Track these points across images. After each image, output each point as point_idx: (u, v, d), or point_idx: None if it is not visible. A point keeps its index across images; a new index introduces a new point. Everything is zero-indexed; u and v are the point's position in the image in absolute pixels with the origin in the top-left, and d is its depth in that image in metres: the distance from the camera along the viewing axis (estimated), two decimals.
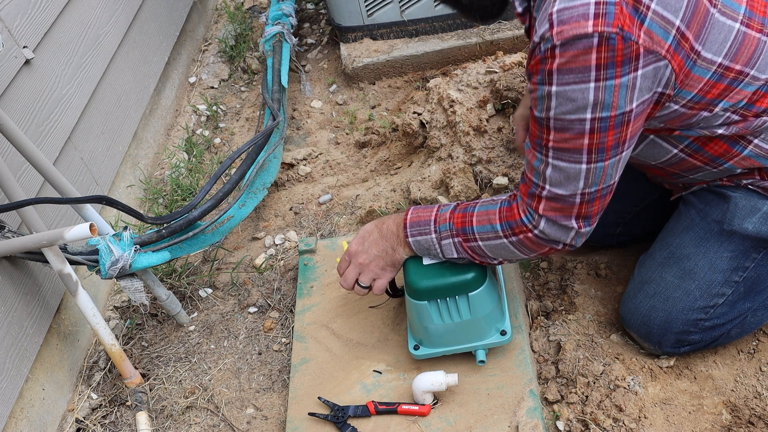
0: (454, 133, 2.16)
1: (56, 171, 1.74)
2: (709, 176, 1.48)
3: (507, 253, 1.44)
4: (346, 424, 1.58)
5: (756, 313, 1.54)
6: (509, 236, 1.40)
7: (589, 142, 1.25)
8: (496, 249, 1.44)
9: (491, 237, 1.42)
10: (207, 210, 1.88)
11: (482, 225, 1.43)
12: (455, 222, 1.46)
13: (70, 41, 2.10)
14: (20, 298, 1.71)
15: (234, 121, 2.78)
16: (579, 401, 1.58)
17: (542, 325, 1.75)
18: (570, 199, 1.33)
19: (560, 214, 1.35)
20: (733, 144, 1.38)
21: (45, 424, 1.74)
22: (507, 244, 1.41)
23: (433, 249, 1.49)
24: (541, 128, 1.28)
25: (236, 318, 2.01)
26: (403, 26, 2.67)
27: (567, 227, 1.37)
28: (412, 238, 1.50)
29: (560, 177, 1.31)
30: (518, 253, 1.43)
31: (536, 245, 1.40)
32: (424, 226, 1.49)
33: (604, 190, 1.33)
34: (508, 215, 1.40)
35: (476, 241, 1.44)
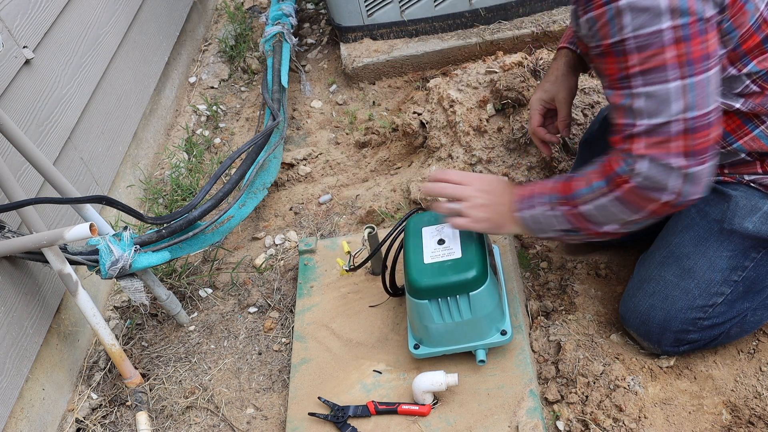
0: (454, 133, 2.16)
1: (56, 171, 1.74)
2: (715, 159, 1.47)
3: (615, 215, 1.33)
4: (346, 424, 1.58)
5: (756, 313, 1.54)
6: (610, 192, 1.30)
7: (674, 55, 1.17)
8: (603, 210, 1.33)
9: (595, 197, 1.33)
10: (207, 210, 1.88)
11: (584, 187, 1.34)
12: (559, 190, 1.39)
13: (70, 41, 2.10)
14: (20, 298, 1.71)
15: (234, 121, 2.78)
16: (579, 401, 1.58)
17: (542, 325, 1.75)
18: (667, 128, 1.22)
19: (660, 150, 1.23)
20: (747, 121, 1.37)
21: (45, 424, 1.74)
22: (610, 202, 1.31)
23: (542, 223, 1.42)
24: (619, 57, 1.21)
25: (236, 318, 2.01)
26: (403, 26, 2.67)
27: (670, 167, 1.23)
28: (521, 212, 1.44)
29: (652, 104, 1.21)
30: (626, 212, 1.31)
31: (640, 197, 1.28)
32: (532, 199, 1.43)
33: (705, 118, 1.21)
34: (606, 169, 1.31)
35: (583, 204, 1.35)
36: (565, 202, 1.38)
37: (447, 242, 1.57)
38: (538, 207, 1.42)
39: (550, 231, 1.43)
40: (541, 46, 2.49)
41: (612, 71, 1.25)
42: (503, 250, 1.84)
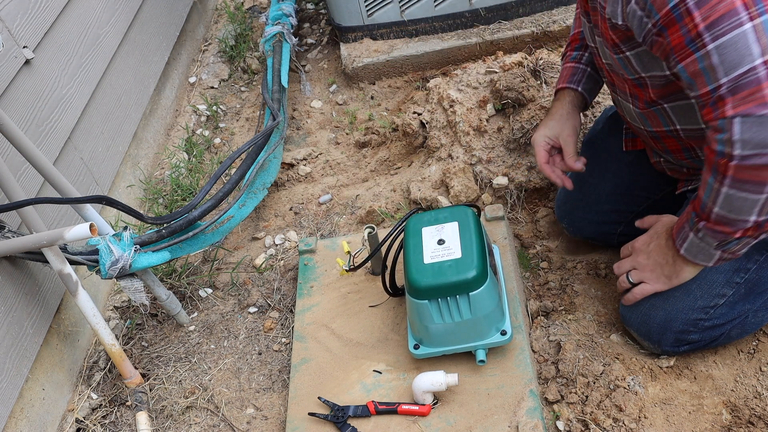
0: (454, 133, 2.16)
1: (56, 171, 1.74)
2: None
3: (745, 203, 1.22)
4: (346, 424, 1.58)
5: (757, 314, 1.54)
6: (722, 182, 1.22)
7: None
8: (730, 205, 1.24)
9: (714, 196, 1.25)
10: (207, 210, 1.88)
11: (704, 193, 1.28)
12: (693, 207, 1.34)
13: (70, 41, 2.10)
14: (20, 298, 1.71)
15: (234, 121, 2.78)
16: (579, 401, 1.58)
17: (542, 325, 1.75)
18: (751, 76, 1.12)
19: (751, 104, 1.13)
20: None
21: (45, 424, 1.74)
22: (729, 192, 1.22)
23: (700, 248, 1.36)
24: (683, 19, 1.15)
25: (236, 318, 2.01)
26: (403, 26, 2.67)
27: (766, 118, 1.13)
28: (682, 249, 1.40)
29: (728, 56, 1.13)
30: (753, 194, 1.20)
31: (751, 171, 1.17)
32: (682, 230, 1.39)
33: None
34: (709, 160, 1.23)
35: (711, 210, 1.27)
36: (699, 217, 1.33)
37: (447, 242, 1.57)
38: (690, 234, 1.37)
39: (714, 254, 1.36)
40: (541, 46, 2.49)
41: (678, 40, 1.18)
42: (503, 250, 1.84)
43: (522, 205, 2.08)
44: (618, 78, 1.50)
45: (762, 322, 1.57)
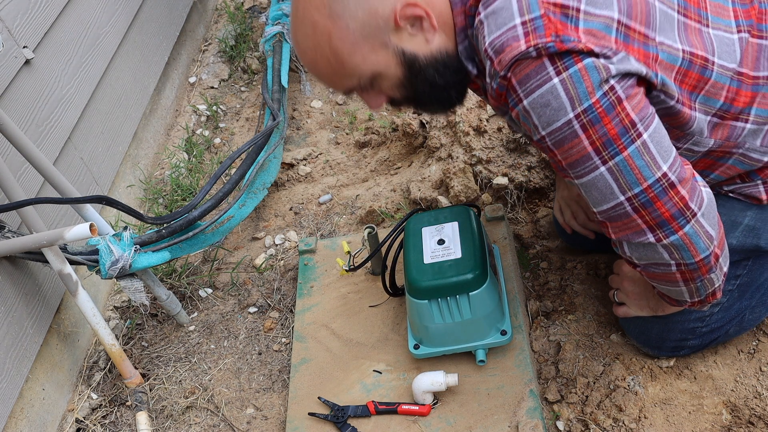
0: (454, 133, 2.16)
1: (56, 171, 1.74)
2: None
3: (673, 293, 1.36)
4: (346, 424, 1.58)
5: (754, 311, 1.54)
6: (645, 276, 1.34)
7: (588, 142, 1.13)
8: (667, 291, 1.37)
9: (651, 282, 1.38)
10: (207, 210, 1.88)
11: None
12: None
13: (70, 41, 2.10)
14: (20, 298, 1.71)
15: (234, 121, 2.78)
16: (579, 401, 1.58)
17: (542, 325, 1.75)
18: (618, 211, 1.19)
19: (630, 231, 1.22)
20: (719, 158, 1.35)
21: (45, 424, 1.74)
22: (655, 284, 1.36)
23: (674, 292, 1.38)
24: (548, 152, 1.20)
25: (236, 318, 2.01)
26: None
27: (647, 243, 1.21)
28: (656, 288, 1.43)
29: (593, 193, 1.19)
30: (674, 287, 1.33)
31: (660, 276, 1.29)
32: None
33: (655, 186, 1.16)
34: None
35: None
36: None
37: (447, 242, 1.57)
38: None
39: (680, 297, 1.38)
40: None
41: (552, 161, 1.23)
42: (503, 250, 1.84)
43: (522, 205, 2.08)
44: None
45: (759, 318, 1.57)
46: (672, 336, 1.54)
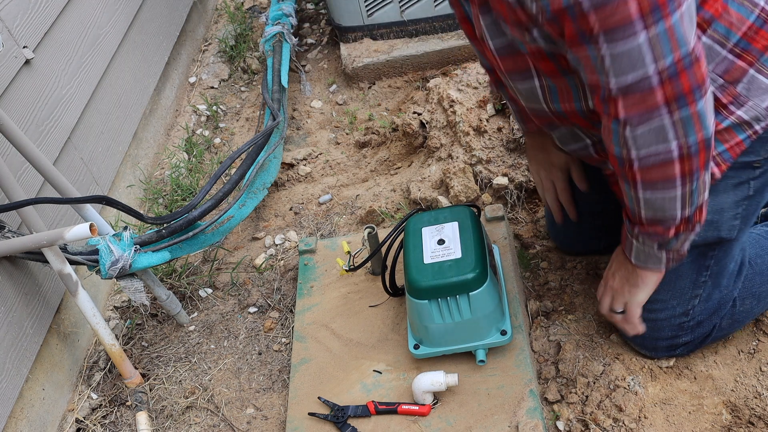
0: (454, 133, 2.16)
1: (56, 171, 1.74)
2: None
3: (666, 201, 1.23)
4: (346, 424, 1.58)
5: (744, 303, 1.55)
6: (634, 186, 1.23)
7: (637, 5, 1.04)
8: (653, 206, 1.25)
9: (636, 200, 1.26)
10: (207, 210, 1.88)
11: (626, 198, 1.27)
12: (626, 214, 1.33)
13: (70, 41, 2.10)
14: (20, 298, 1.71)
15: (234, 121, 2.78)
16: (579, 401, 1.58)
17: (542, 325, 1.75)
18: (643, 83, 1.11)
19: (642, 108, 1.13)
20: None
21: (45, 424, 1.74)
22: (645, 195, 1.23)
23: (646, 253, 1.36)
24: (576, 17, 1.09)
25: (236, 318, 2.01)
26: (403, 26, 2.67)
27: (658, 120, 1.14)
28: (631, 257, 1.40)
29: (621, 63, 1.10)
30: (669, 192, 1.22)
31: (657, 172, 1.19)
32: (627, 240, 1.39)
33: (685, 59, 1.10)
34: (615, 168, 1.23)
35: (640, 213, 1.27)
36: (632, 222, 1.32)
37: (447, 242, 1.57)
38: (633, 242, 1.36)
39: (660, 256, 1.35)
40: None
41: (570, 32, 1.13)
42: (503, 250, 1.84)
43: (522, 205, 2.08)
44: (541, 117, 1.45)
45: (751, 310, 1.57)
46: (663, 335, 1.55)
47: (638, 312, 1.49)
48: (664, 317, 1.54)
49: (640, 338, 1.60)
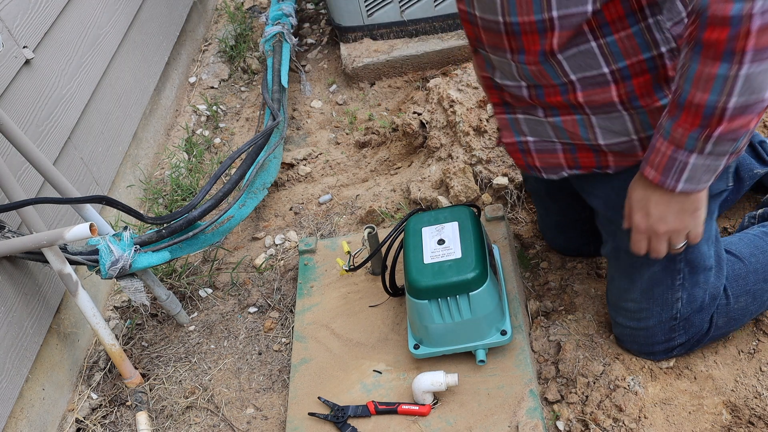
0: (454, 133, 2.16)
1: (56, 171, 1.74)
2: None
3: (763, 76, 1.07)
4: (346, 424, 1.58)
5: (739, 300, 1.56)
6: (741, 60, 1.04)
7: None
8: (750, 86, 1.07)
9: (731, 84, 1.07)
10: (207, 210, 1.88)
11: (709, 91, 1.09)
12: (690, 124, 1.14)
13: (70, 41, 2.10)
14: (20, 298, 1.71)
15: (234, 121, 2.78)
16: (579, 401, 1.58)
17: (542, 325, 1.75)
18: None
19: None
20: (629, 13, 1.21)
21: (45, 424, 1.74)
22: (749, 71, 1.05)
23: (706, 167, 1.18)
24: None
25: (236, 318, 2.01)
26: (403, 26, 2.67)
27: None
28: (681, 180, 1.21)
29: None
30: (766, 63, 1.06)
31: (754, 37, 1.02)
32: (674, 163, 1.20)
33: None
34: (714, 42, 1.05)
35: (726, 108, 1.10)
36: (707, 128, 1.13)
37: (447, 242, 1.57)
38: (690, 160, 1.18)
39: (720, 164, 1.18)
40: None
41: None
42: (503, 250, 1.84)
43: (522, 205, 2.08)
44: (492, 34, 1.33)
45: (747, 308, 1.58)
46: (657, 339, 1.57)
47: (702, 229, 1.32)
48: (654, 324, 1.55)
49: (636, 345, 1.61)
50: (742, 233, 1.67)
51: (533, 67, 1.29)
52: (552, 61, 1.26)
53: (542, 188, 1.79)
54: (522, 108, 1.41)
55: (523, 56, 1.29)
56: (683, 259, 1.47)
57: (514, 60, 1.31)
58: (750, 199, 1.90)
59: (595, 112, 1.32)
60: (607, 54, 1.23)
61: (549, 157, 1.45)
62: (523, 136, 1.45)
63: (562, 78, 1.28)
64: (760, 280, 1.57)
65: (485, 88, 1.47)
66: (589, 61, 1.24)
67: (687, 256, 1.47)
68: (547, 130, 1.40)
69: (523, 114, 1.42)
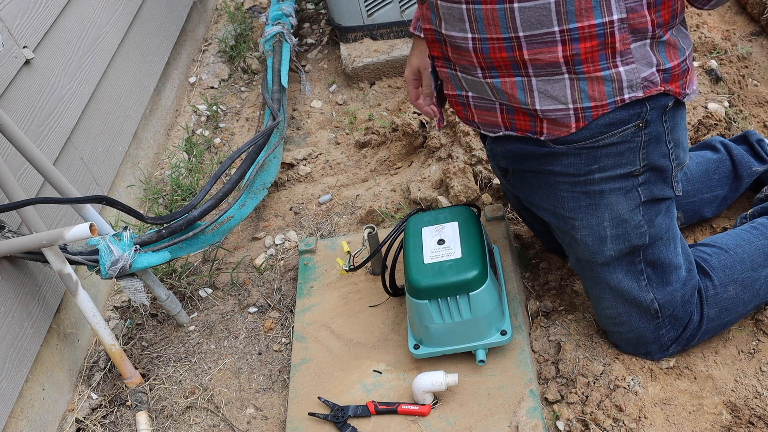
0: (453, 133, 2.16)
1: (56, 171, 1.74)
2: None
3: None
4: (346, 424, 1.58)
5: (727, 289, 1.56)
6: None
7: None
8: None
9: None
10: (207, 210, 1.88)
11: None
12: None
13: (70, 41, 2.10)
14: (20, 298, 1.71)
15: (234, 121, 2.78)
16: (579, 401, 1.58)
17: (542, 325, 1.75)
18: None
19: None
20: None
21: (45, 424, 1.74)
22: None
23: None
24: None
25: (236, 318, 2.01)
26: (403, 26, 2.67)
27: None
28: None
29: None
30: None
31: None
32: None
33: None
34: None
35: None
36: None
37: (447, 242, 1.57)
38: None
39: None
40: None
41: None
42: (503, 250, 1.84)
43: None
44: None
45: (738, 297, 1.58)
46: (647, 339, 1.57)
47: None
48: (637, 326, 1.56)
49: (632, 347, 1.62)
50: (730, 230, 1.69)
51: (488, 7, 1.26)
52: (506, 6, 1.24)
53: (517, 203, 1.81)
54: (461, 66, 1.40)
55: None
56: (642, 260, 1.49)
57: (467, 1, 1.29)
58: (750, 198, 1.90)
59: (537, 73, 1.31)
60: (561, 12, 1.22)
61: (487, 114, 1.45)
62: (463, 90, 1.45)
63: (510, 31, 1.26)
64: (747, 269, 1.58)
65: (428, 41, 1.45)
66: (543, 17, 1.24)
67: (647, 257, 1.48)
68: (486, 90, 1.40)
69: (462, 72, 1.41)
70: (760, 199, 1.80)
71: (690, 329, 1.57)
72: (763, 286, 1.59)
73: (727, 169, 1.84)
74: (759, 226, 1.65)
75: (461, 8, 1.29)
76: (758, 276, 1.58)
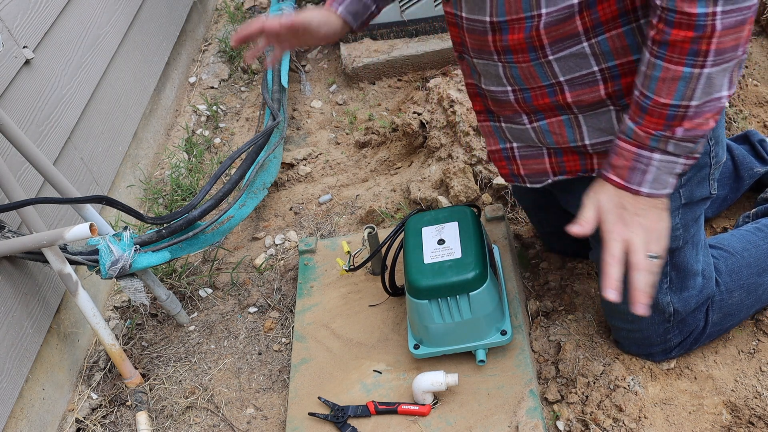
0: (454, 133, 2.16)
1: (56, 171, 1.74)
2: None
3: (721, 76, 1.10)
4: (346, 424, 1.58)
5: (732, 295, 1.56)
6: (705, 61, 1.08)
7: None
8: (709, 87, 1.11)
9: (694, 84, 1.10)
10: (207, 210, 1.88)
11: (673, 92, 1.12)
12: (654, 125, 1.16)
13: (70, 41, 2.10)
14: (20, 298, 1.71)
15: (234, 121, 2.78)
16: (579, 401, 1.58)
17: (542, 325, 1.75)
18: None
19: None
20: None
21: (45, 424, 1.74)
22: (710, 72, 1.09)
23: (668, 168, 1.19)
24: None
25: (236, 318, 2.01)
26: (403, 26, 2.67)
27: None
28: (641, 187, 1.20)
29: None
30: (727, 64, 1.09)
31: (733, 33, 1.05)
32: (637, 164, 1.19)
33: None
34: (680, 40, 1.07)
35: (689, 105, 1.12)
36: (669, 129, 1.15)
37: (447, 242, 1.57)
38: (652, 162, 1.18)
39: (678, 165, 1.19)
40: None
41: None
42: (503, 250, 1.84)
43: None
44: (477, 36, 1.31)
45: (743, 302, 1.57)
46: (653, 341, 1.57)
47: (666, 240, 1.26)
48: (647, 326, 1.55)
49: (635, 347, 1.61)
50: (735, 230, 1.68)
51: (523, 65, 1.28)
52: (543, 61, 1.26)
53: (531, 202, 1.81)
54: (505, 117, 1.42)
55: (510, 56, 1.29)
56: (669, 263, 1.47)
57: (501, 61, 1.30)
58: (750, 199, 1.90)
59: (582, 111, 1.32)
60: (597, 54, 1.23)
61: (534, 163, 1.45)
62: (508, 142, 1.45)
63: (550, 78, 1.28)
64: (753, 273, 1.57)
65: (470, 95, 1.47)
66: (580, 61, 1.24)
67: (673, 260, 1.47)
68: (532, 137, 1.40)
69: (507, 123, 1.43)
70: (764, 198, 1.80)
71: (694, 335, 1.57)
72: (766, 291, 1.59)
73: (727, 170, 1.83)
74: (764, 228, 1.64)
75: (497, 66, 1.31)
76: (762, 281, 1.57)
